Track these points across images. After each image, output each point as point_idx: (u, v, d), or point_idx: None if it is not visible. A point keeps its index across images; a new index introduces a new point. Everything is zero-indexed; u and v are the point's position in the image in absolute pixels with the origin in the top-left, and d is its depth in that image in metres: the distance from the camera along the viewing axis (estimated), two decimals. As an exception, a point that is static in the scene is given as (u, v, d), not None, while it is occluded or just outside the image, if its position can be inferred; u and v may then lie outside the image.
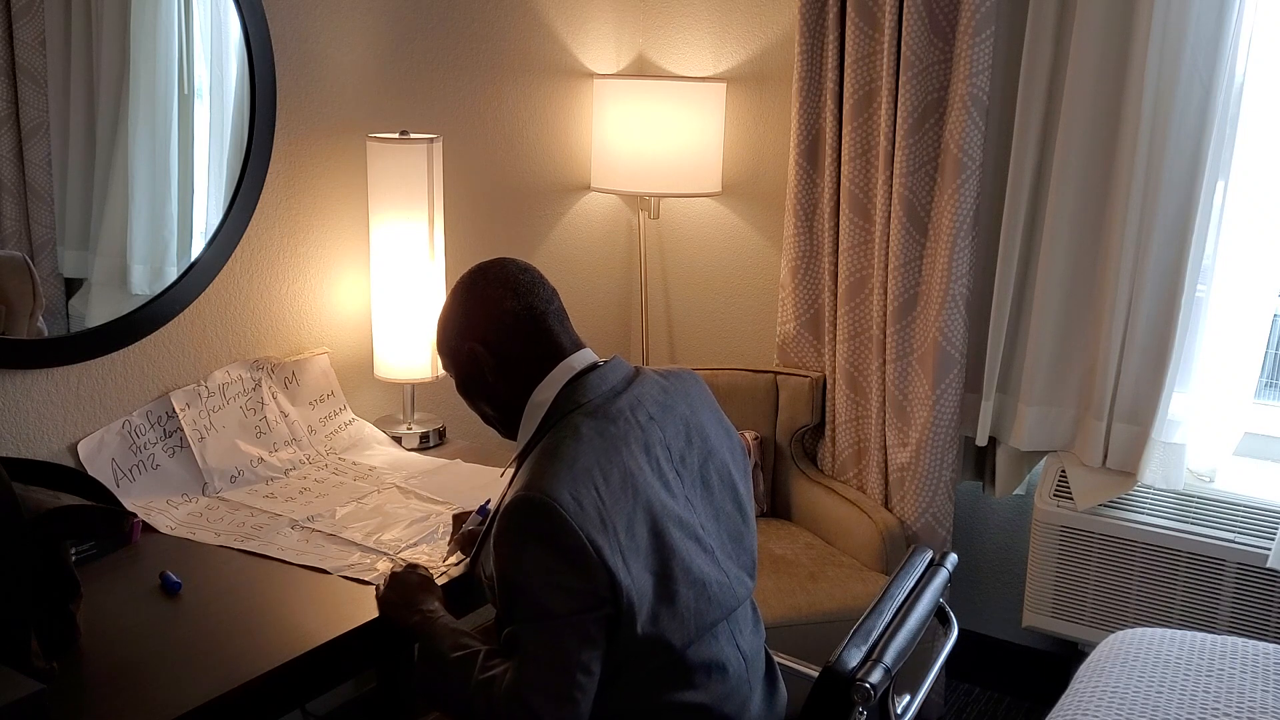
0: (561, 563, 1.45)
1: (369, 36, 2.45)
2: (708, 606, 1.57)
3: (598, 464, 1.51)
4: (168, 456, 2.10)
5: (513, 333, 1.62)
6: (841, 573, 2.59)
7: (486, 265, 1.69)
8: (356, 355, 2.53)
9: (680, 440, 1.64)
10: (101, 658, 1.53)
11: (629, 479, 1.52)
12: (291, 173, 2.33)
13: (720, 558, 1.62)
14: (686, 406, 1.69)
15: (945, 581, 1.74)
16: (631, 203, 3.26)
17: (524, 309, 1.63)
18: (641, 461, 1.56)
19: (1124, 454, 2.58)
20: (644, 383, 1.66)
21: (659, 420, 1.62)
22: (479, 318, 1.63)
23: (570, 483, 1.47)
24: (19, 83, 1.88)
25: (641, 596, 1.48)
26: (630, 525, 1.50)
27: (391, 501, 2.11)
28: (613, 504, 1.49)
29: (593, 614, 1.46)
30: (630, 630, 1.48)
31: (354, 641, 1.64)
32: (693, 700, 1.57)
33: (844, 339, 2.82)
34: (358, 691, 2.59)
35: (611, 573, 1.45)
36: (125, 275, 2.10)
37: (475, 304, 1.64)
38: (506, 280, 1.64)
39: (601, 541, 1.45)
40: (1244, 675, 1.91)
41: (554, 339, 1.64)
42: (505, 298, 1.63)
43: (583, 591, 1.45)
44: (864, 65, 2.67)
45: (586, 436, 1.53)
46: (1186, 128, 2.41)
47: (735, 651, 1.64)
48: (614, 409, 1.59)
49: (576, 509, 1.45)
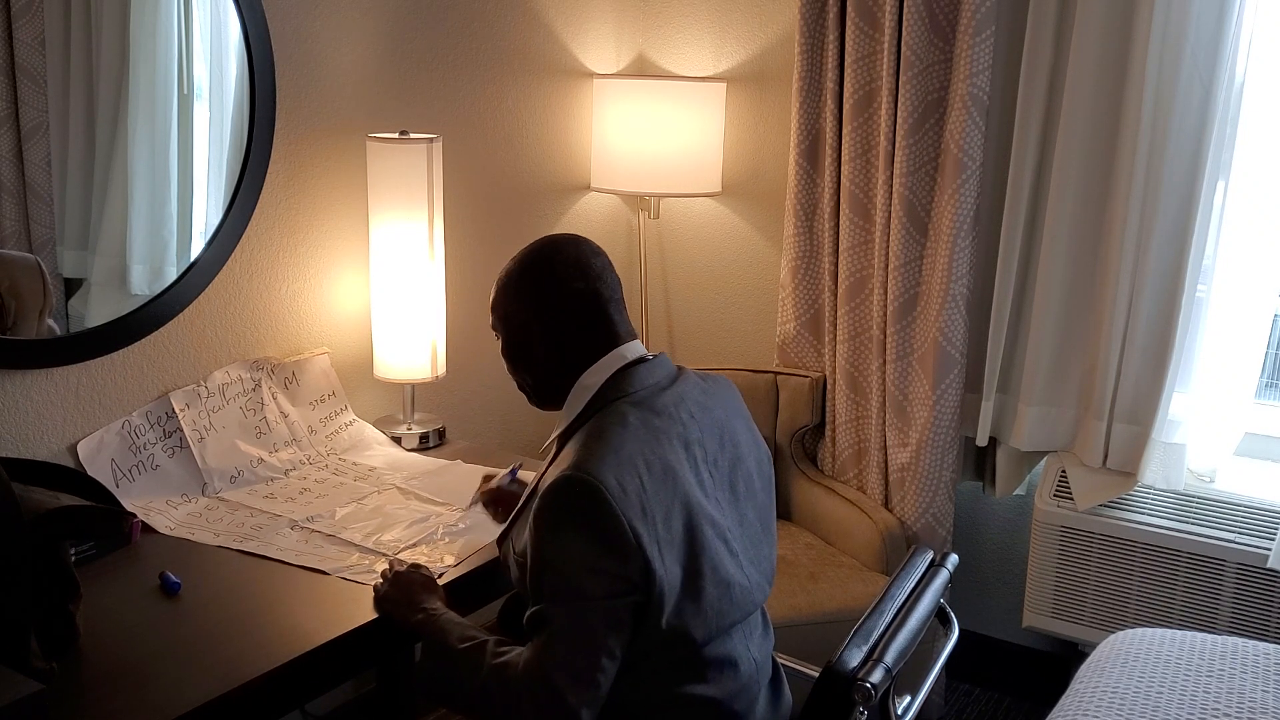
0: (600, 545, 1.46)
1: (369, 36, 2.44)
2: (729, 607, 1.59)
3: (642, 453, 1.52)
4: (167, 457, 2.09)
5: (574, 313, 1.63)
6: (842, 573, 2.59)
7: (561, 240, 1.69)
8: (356, 355, 2.53)
9: (714, 443, 1.65)
10: (101, 658, 1.53)
11: (670, 472, 1.54)
12: (291, 173, 2.33)
13: (743, 561, 1.63)
14: (722, 411, 1.70)
15: (946, 582, 1.74)
16: (631, 203, 3.26)
17: (591, 293, 1.64)
18: (681, 457, 1.58)
19: (1124, 454, 2.58)
20: (686, 381, 1.68)
21: (698, 420, 1.64)
22: (544, 291, 1.63)
23: (615, 467, 1.48)
24: (19, 82, 1.88)
25: (671, 588, 1.49)
26: (668, 517, 1.51)
27: (391, 502, 2.10)
28: (654, 494, 1.50)
29: (624, 599, 1.47)
30: (656, 620, 1.49)
31: (354, 641, 1.64)
32: (705, 694, 1.58)
33: (844, 339, 2.82)
34: (358, 691, 2.59)
35: (647, 560, 1.46)
36: (125, 275, 2.10)
37: (545, 276, 1.64)
38: (579, 261, 1.65)
39: (641, 528, 1.46)
40: (1244, 675, 1.91)
41: (612, 326, 1.65)
42: (575, 278, 1.63)
43: (617, 576, 1.46)
44: (864, 65, 2.67)
45: (633, 425, 1.55)
46: (1186, 128, 2.41)
47: (747, 652, 1.65)
48: (659, 402, 1.61)
49: (620, 493, 1.46)
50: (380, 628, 1.66)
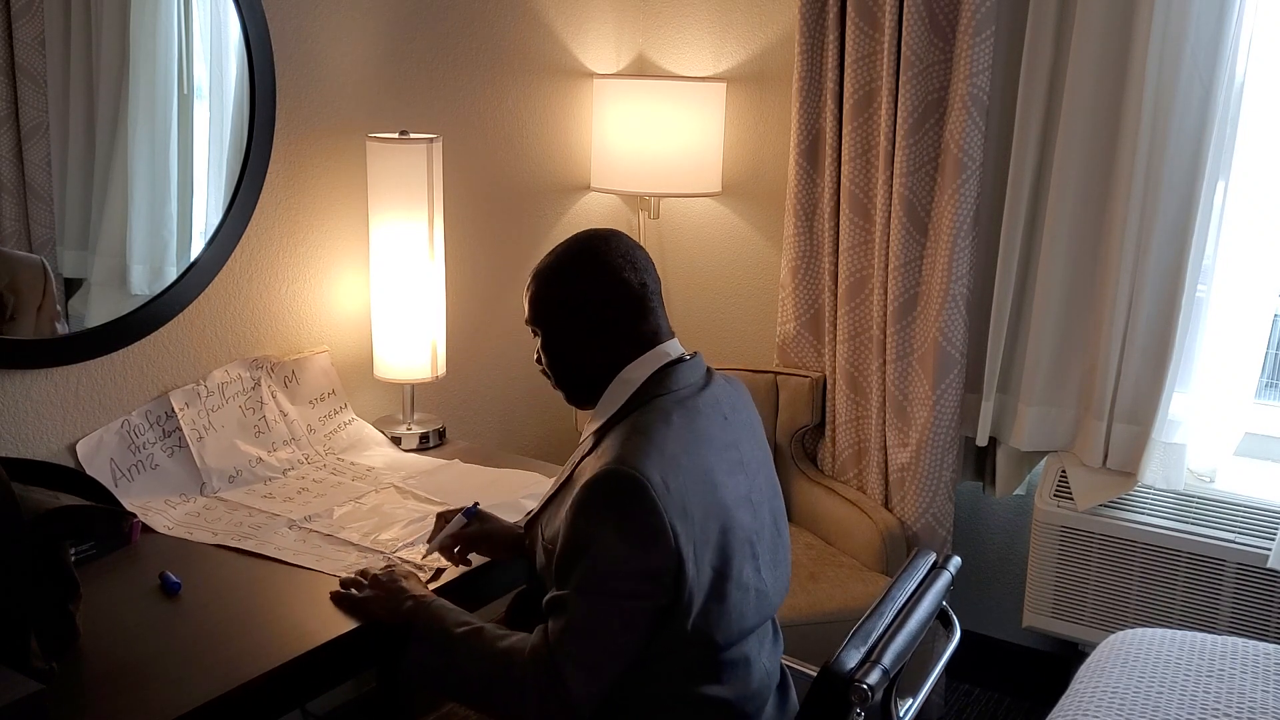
0: (636, 541, 1.45)
1: (369, 36, 2.44)
2: (750, 612, 1.59)
3: (685, 452, 1.52)
4: (166, 456, 2.09)
5: (622, 304, 1.62)
6: (841, 573, 2.59)
7: (605, 233, 1.67)
8: (356, 355, 2.53)
9: (749, 445, 1.66)
10: (101, 658, 1.53)
11: (709, 474, 1.54)
12: (291, 173, 2.33)
13: (763, 566, 1.63)
14: (747, 411, 1.71)
15: (948, 584, 1.74)
16: (631, 203, 3.26)
17: (639, 284, 1.63)
18: (720, 460, 1.58)
19: (1124, 454, 2.58)
20: (717, 383, 1.68)
21: (732, 422, 1.64)
22: (596, 282, 1.61)
23: (660, 464, 1.48)
24: (18, 82, 1.88)
25: (700, 590, 1.49)
26: (705, 519, 1.51)
27: (389, 501, 2.10)
28: (694, 494, 1.50)
29: (648, 601, 1.47)
30: (682, 621, 1.49)
31: (354, 641, 1.64)
32: (719, 695, 1.58)
33: (844, 339, 2.82)
34: (358, 691, 2.59)
35: (682, 559, 1.46)
36: (125, 275, 2.10)
37: (596, 266, 1.62)
38: (626, 252, 1.64)
39: (681, 528, 1.46)
40: (1244, 675, 1.91)
41: (657, 321, 1.65)
42: (625, 268, 1.62)
43: (646, 575, 1.46)
44: (864, 65, 2.67)
45: (676, 424, 1.55)
46: (1186, 128, 2.41)
47: (760, 657, 1.66)
48: (700, 402, 1.61)
49: (664, 490, 1.46)
50: (380, 627, 1.66)
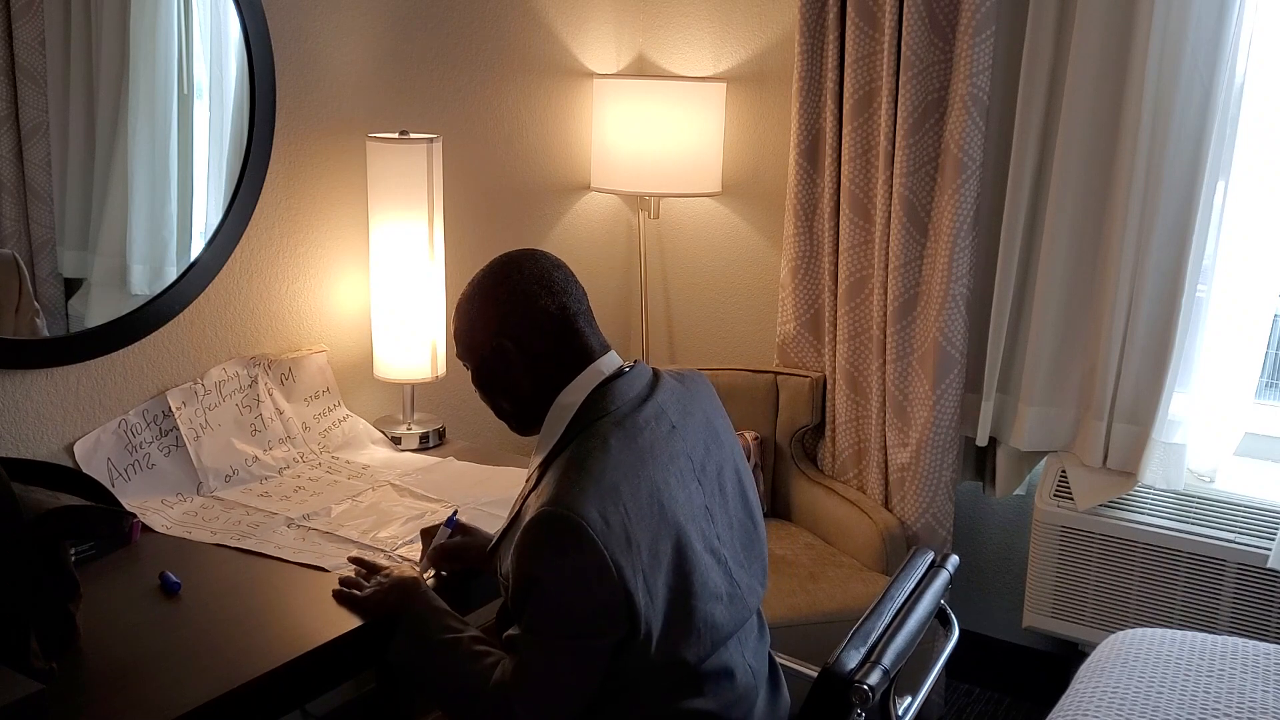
0: (579, 582, 1.42)
1: (369, 36, 2.44)
2: (725, 619, 1.57)
3: (626, 479, 1.48)
4: (163, 455, 2.09)
5: (544, 331, 1.58)
6: (841, 573, 2.59)
7: (518, 257, 1.63)
8: (356, 355, 2.53)
9: (700, 449, 1.62)
10: (101, 658, 1.53)
11: (655, 494, 1.50)
12: (291, 173, 2.33)
13: (733, 568, 1.61)
14: (702, 412, 1.67)
15: (946, 583, 1.73)
16: (631, 203, 3.26)
17: (558, 308, 1.58)
18: (668, 474, 1.53)
19: (1124, 454, 2.58)
20: (664, 389, 1.63)
21: (680, 429, 1.60)
22: (511, 313, 1.58)
23: (599, 500, 1.44)
24: (19, 83, 1.88)
25: (657, 616, 1.47)
26: (655, 543, 1.48)
27: (386, 499, 2.10)
28: (639, 521, 1.46)
29: (599, 640, 1.46)
30: (644, 651, 1.47)
31: (354, 641, 1.64)
32: (701, 708, 1.56)
33: (844, 339, 2.82)
34: (358, 691, 2.59)
35: (630, 595, 1.43)
36: (125, 275, 2.10)
37: (508, 298, 1.58)
38: (541, 277, 1.59)
39: (624, 562, 1.43)
40: (1244, 675, 1.91)
41: (584, 340, 1.60)
42: (540, 295, 1.58)
43: (594, 615, 1.44)
44: (864, 65, 2.67)
45: (615, 449, 1.50)
46: (1187, 128, 2.41)
47: (742, 660, 1.63)
48: (640, 418, 1.56)
49: (604, 527, 1.42)
50: (381, 627, 1.66)
